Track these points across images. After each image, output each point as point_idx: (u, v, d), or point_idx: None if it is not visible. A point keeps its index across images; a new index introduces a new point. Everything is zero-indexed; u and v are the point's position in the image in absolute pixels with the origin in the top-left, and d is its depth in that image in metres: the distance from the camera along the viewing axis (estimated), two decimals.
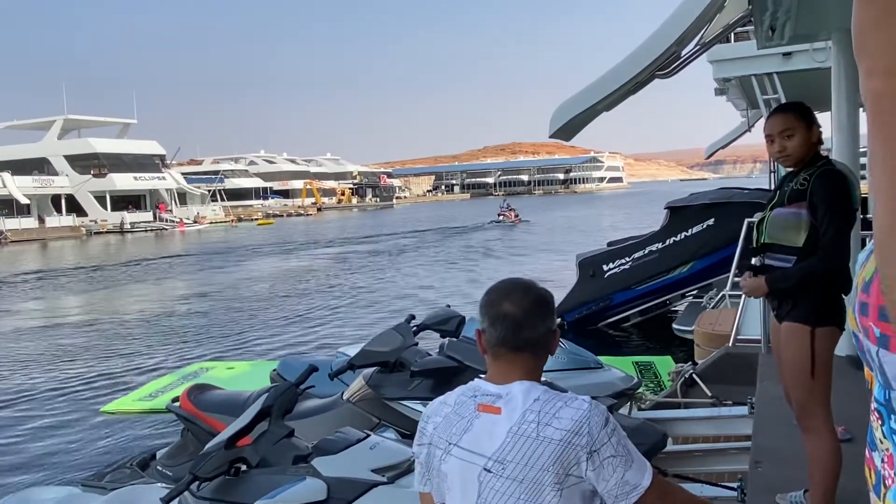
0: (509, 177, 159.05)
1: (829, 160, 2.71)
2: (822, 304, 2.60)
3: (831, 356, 2.63)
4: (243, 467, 2.44)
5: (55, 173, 60.89)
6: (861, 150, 5.47)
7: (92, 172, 61.07)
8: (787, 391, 2.80)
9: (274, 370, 5.09)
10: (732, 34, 7.46)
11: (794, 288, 2.63)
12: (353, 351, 4.25)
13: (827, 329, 2.60)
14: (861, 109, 7.13)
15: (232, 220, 66.26)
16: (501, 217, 45.65)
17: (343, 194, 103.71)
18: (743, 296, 6.14)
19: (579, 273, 12.29)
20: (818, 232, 2.56)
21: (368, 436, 2.51)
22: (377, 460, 2.36)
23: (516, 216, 45.40)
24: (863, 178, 5.02)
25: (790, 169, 2.79)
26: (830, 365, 2.63)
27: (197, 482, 2.36)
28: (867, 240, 3.76)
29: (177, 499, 2.35)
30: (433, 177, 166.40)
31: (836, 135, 4.89)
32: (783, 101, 8.94)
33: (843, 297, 2.66)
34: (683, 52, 4.07)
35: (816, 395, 2.64)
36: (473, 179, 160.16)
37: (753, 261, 2.84)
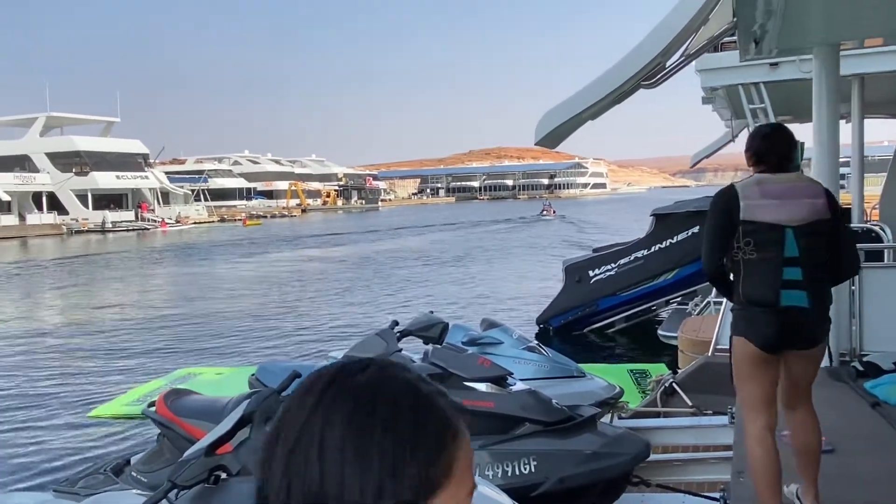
0: (494, 181, 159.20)
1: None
2: (736, 315, 2.84)
3: (748, 364, 2.77)
4: (223, 475, 2.39)
5: (37, 171, 60.17)
6: (842, 160, 5.53)
7: (74, 170, 60.41)
8: None
9: (253, 375, 5.00)
10: (720, 44, 7.51)
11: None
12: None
13: (738, 339, 2.80)
14: (844, 121, 7.21)
15: (232, 219, 66.08)
16: (544, 212, 60.63)
17: (328, 196, 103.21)
18: (723, 304, 6.17)
19: (565, 279, 12.32)
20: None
21: None
22: None
23: (553, 212, 61.18)
24: (842, 187, 5.06)
25: None
26: (747, 372, 2.78)
27: (175, 490, 2.32)
28: None
29: None
30: (418, 180, 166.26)
31: (816, 146, 4.93)
32: (769, 110, 8.97)
33: (768, 310, 2.70)
34: (668, 63, 4.10)
35: (742, 397, 2.87)
36: (458, 183, 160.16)
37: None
